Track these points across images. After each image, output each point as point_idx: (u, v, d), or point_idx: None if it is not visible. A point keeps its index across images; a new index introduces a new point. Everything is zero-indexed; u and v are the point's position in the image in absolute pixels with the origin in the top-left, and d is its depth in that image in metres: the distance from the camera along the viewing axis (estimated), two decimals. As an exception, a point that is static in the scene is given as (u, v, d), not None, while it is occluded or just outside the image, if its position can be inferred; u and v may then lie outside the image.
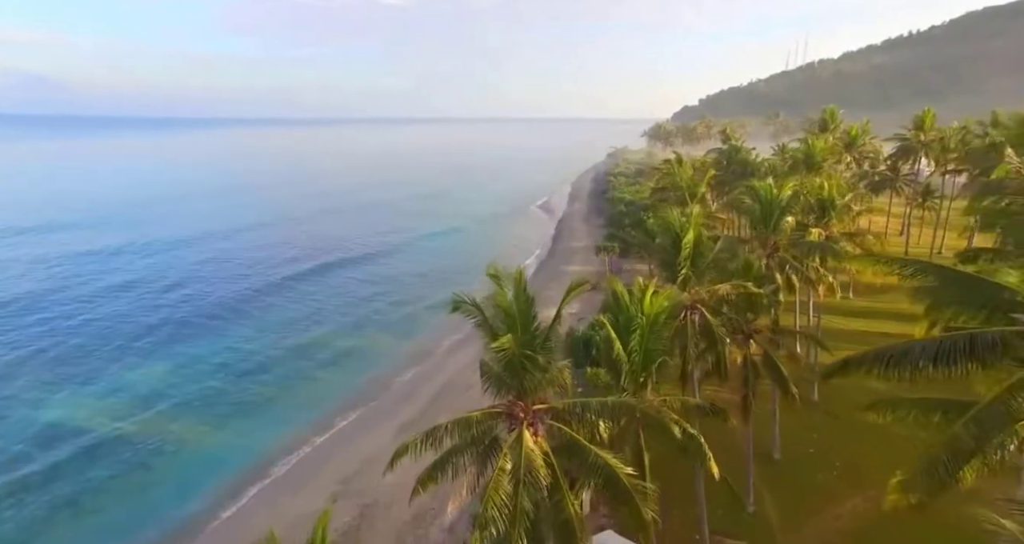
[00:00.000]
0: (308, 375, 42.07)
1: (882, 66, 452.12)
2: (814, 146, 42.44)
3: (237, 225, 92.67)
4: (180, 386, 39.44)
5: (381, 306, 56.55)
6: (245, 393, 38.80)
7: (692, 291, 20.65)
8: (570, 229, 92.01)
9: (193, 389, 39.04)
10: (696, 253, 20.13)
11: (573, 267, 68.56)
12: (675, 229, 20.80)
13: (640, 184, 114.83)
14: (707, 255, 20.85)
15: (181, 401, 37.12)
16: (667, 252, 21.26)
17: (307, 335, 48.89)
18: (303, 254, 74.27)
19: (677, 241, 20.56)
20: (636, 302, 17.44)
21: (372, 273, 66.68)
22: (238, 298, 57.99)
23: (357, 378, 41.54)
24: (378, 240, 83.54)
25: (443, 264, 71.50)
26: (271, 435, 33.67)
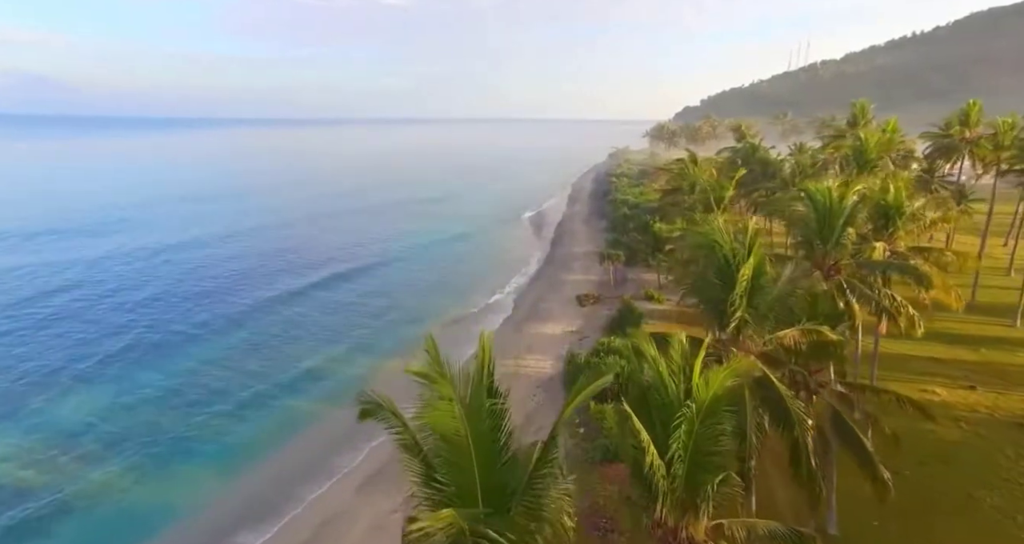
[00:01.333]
0: (273, 403, 36.52)
1: (885, 67, 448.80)
2: (867, 140, 36.48)
3: (229, 230, 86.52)
4: (118, 419, 33.92)
5: (365, 324, 50.87)
6: (194, 427, 33.27)
7: (748, 342, 14.95)
8: (570, 232, 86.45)
9: (132, 423, 33.53)
10: (754, 286, 14.46)
11: (574, 276, 62.99)
12: (723, 253, 15.12)
13: (643, 185, 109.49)
14: (770, 289, 15.27)
15: (113, 439, 31.58)
16: (708, 284, 15.48)
17: (279, 357, 43.28)
18: (289, 265, 68.19)
19: (727, 271, 14.96)
20: (678, 374, 11.33)
21: (364, 287, 60.59)
22: (212, 313, 52.38)
23: (325, 409, 35.95)
24: (374, 248, 77.33)
25: (434, 278, 65.80)
26: (220, 484, 28.17)
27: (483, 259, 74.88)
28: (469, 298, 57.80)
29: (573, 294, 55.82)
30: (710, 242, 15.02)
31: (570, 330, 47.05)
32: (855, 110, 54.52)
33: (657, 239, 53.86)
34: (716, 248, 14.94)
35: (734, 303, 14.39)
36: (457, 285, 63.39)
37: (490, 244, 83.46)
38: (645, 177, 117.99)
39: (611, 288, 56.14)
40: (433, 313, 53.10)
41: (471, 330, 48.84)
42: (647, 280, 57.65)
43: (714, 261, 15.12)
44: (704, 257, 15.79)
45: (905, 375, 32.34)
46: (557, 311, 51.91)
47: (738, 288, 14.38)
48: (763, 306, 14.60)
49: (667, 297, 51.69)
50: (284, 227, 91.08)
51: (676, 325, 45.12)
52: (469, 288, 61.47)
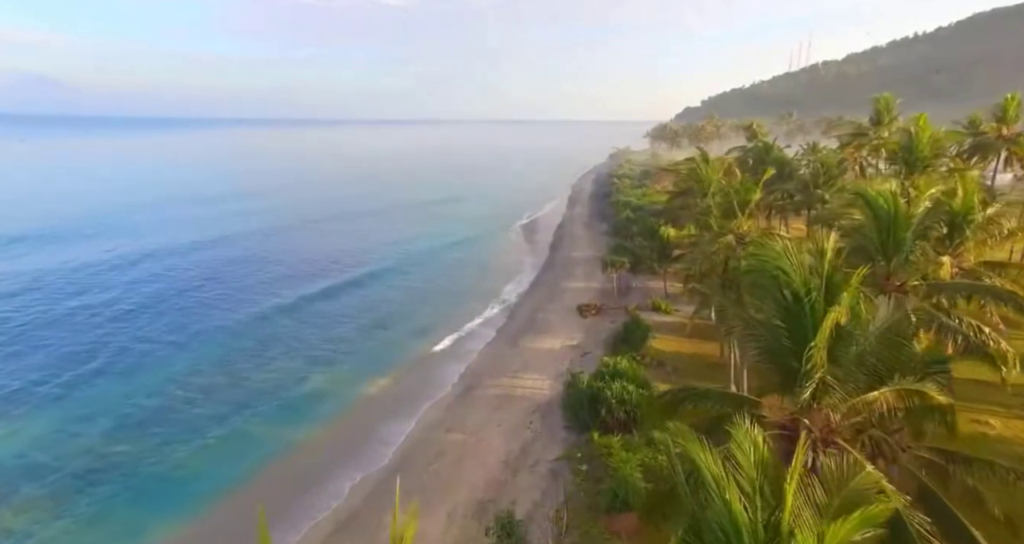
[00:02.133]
0: (237, 429, 32.61)
1: (887, 67, 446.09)
2: (920, 136, 32.24)
3: (223, 234, 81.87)
4: (57, 450, 30.02)
5: (349, 339, 46.89)
6: (145, 459, 29.37)
7: (824, 411, 10.81)
8: (571, 236, 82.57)
9: (72, 454, 29.62)
10: (838, 336, 10.41)
11: (574, 283, 59.07)
12: (792, 288, 10.69)
13: (646, 187, 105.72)
14: (858, 336, 10.94)
15: (49, 478, 27.64)
16: (768, 328, 11.17)
17: (252, 378, 39.33)
18: (279, 274, 63.54)
19: (797, 312, 10.65)
20: (754, 497, 7.08)
21: (354, 301, 55.81)
22: (187, 327, 48.38)
23: (290, 432, 32.10)
24: (369, 256, 72.28)
25: (427, 287, 61.72)
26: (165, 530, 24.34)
27: (481, 265, 71.01)
28: (463, 308, 53.97)
29: (573, 303, 51.94)
30: (772, 270, 10.87)
31: (570, 344, 43.16)
32: (879, 106, 50.67)
33: (664, 245, 50.02)
34: (781, 279, 10.81)
35: (810, 359, 10.42)
36: (451, 293, 59.56)
37: (488, 249, 79.58)
38: (648, 178, 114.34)
39: (614, 297, 52.29)
40: (422, 328, 49.27)
41: (461, 348, 45.08)
42: (653, 288, 53.77)
43: (775, 296, 10.99)
44: (760, 289, 11.65)
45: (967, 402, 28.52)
46: (556, 323, 48.02)
47: (817, 338, 10.14)
48: (848, 360, 10.56)
49: (675, 307, 47.86)
50: (278, 232, 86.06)
51: (687, 340, 41.33)
52: (464, 297, 57.64)
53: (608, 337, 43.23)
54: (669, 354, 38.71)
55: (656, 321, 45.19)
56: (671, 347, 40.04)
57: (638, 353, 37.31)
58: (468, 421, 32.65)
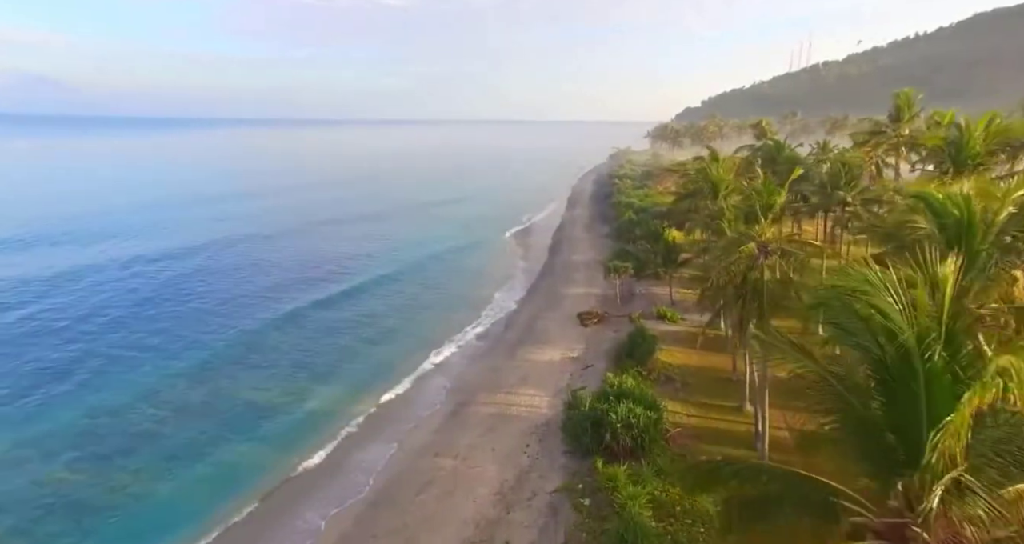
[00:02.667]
0: (208, 457, 29.80)
1: (888, 68, 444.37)
2: (970, 132, 28.68)
3: (214, 239, 78.00)
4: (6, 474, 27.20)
5: (337, 352, 44.01)
6: (97, 493, 26.53)
7: (951, 520, 7.51)
8: (570, 239, 79.74)
9: (16, 485, 26.78)
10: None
11: (575, 289, 56.25)
12: (905, 342, 7.15)
13: (648, 187, 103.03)
14: (1002, 415, 7.44)
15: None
16: (851, 389, 7.55)
17: (227, 396, 36.52)
18: (268, 283, 60.02)
19: (905, 373, 7.30)
20: None
21: (350, 308, 53.03)
22: (167, 339, 45.54)
23: (260, 458, 29.30)
24: (366, 262, 69.06)
25: (425, 296, 58.89)
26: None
27: (476, 270, 68.20)
28: (457, 317, 51.22)
29: (574, 311, 49.14)
30: (862, 309, 7.60)
31: (571, 356, 40.34)
32: (898, 102, 47.67)
33: (670, 249, 47.23)
34: (877, 323, 7.48)
35: (935, 449, 6.91)
36: (445, 301, 56.79)
37: (486, 253, 76.73)
38: (650, 178, 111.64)
39: (617, 304, 49.47)
40: (414, 339, 46.49)
41: (454, 361, 42.31)
42: (658, 295, 50.94)
43: (868, 347, 7.77)
44: (841, 332, 8.42)
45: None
46: (556, 332, 45.20)
47: (955, 419, 6.74)
48: (984, 447, 7.46)
49: (682, 316, 45.07)
50: (276, 237, 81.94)
51: (695, 352, 38.48)
52: (459, 305, 54.88)
53: (611, 348, 40.42)
54: (677, 367, 35.88)
55: (662, 331, 42.40)
56: (679, 359, 37.22)
57: (644, 367, 34.50)
58: (459, 444, 29.83)
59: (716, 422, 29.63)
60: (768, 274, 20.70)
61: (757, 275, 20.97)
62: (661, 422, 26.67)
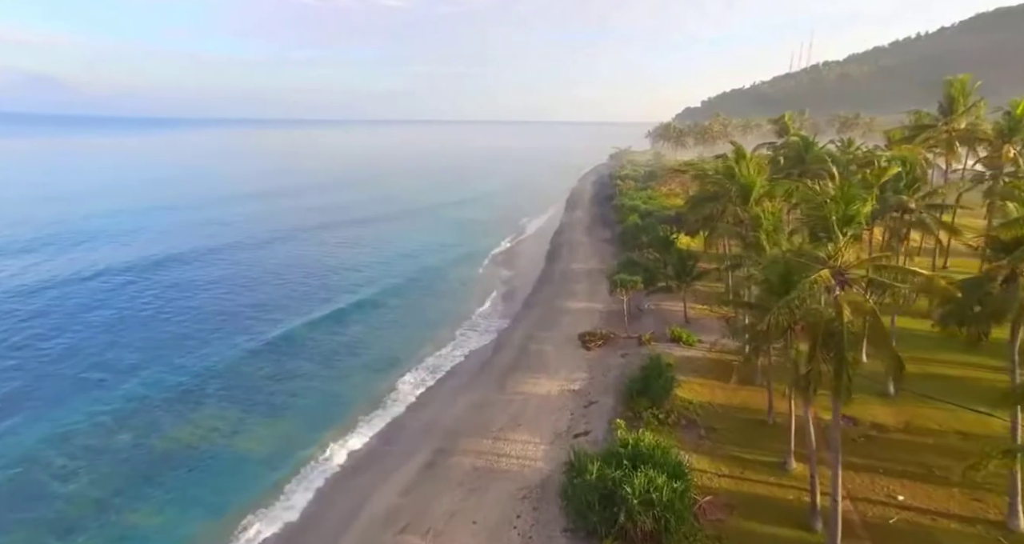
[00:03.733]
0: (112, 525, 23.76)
1: (890, 68, 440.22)
2: None
3: (191, 248, 71.04)
4: None
5: (304, 382, 37.99)
6: None
7: None
8: (570, 244, 73.70)
9: None
10: None
11: (575, 303, 50.25)
12: None
13: (651, 188, 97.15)
14: None
15: None
16: None
17: (160, 438, 30.56)
18: (253, 301, 53.11)
19: None
20: None
21: (330, 333, 46.79)
22: (108, 363, 39.67)
23: (177, 529, 23.32)
24: (359, 275, 62.45)
25: (406, 309, 53.02)
26: None
27: (466, 280, 62.30)
28: (442, 335, 45.36)
29: (574, 330, 43.13)
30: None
31: (571, 388, 34.30)
32: (951, 91, 41.30)
33: (683, 260, 41.21)
34: None
35: None
36: (430, 316, 50.92)
37: (479, 260, 70.69)
38: (653, 179, 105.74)
39: (624, 322, 43.39)
40: (392, 362, 40.55)
41: (435, 394, 36.31)
42: (670, 311, 44.97)
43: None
44: None
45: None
46: (553, 356, 39.16)
47: None
48: None
49: (698, 337, 39.09)
50: (256, 247, 73.93)
51: (719, 385, 32.50)
52: (445, 320, 49.01)
53: (619, 378, 34.40)
54: (700, 407, 29.86)
55: (677, 356, 36.47)
56: (701, 395, 31.21)
57: (660, 408, 28.48)
58: (433, 512, 23.78)
59: (755, 485, 23.59)
60: (848, 313, 14.74)
61: (832, 313, 15.02)
62: (689, 493, 20.69)
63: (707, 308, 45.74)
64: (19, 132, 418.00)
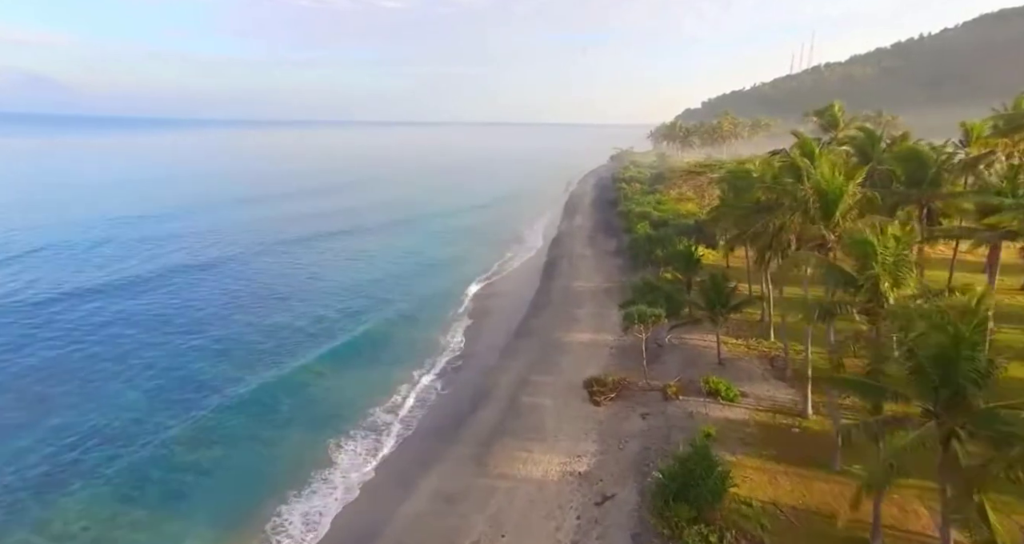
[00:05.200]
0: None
1: (893, 69, 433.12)
2: None
3: (159, 266, 60.52)
4: None
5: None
6: None
7: None
8: (570, 257, 64.48)
9: None
10: None
11: (579, 334, 41.07)
12: None
13: (659, 192, 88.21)
14: None
15: None
16: None
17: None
18: (215, 342, 41.97)
19: None
20: None
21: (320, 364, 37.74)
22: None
23: None
24: (338, 298, 52.49)
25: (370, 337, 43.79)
26: None
27: (453, 299, 53.17)
28: (402, 378, 36.22)
29: (578, 373, 33.96)
30: None
31: (576, 469, 25.07)
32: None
33: (718, 284, 32.04)
34: None
35: None
36: (403, 346, 41.70)
37: (468, 277, 61.42)
38: (660, 182, 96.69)
39: (640, 362, 34.09)
40: (323, 421, 31.38)
41: (383, 474, 26.93)
42: (698, 347, 35.85)
43: None
44: None
45: None
46: (552, 414, 29.99)
47: None
48: None
49: (741, 388, 30.01)
50: (217, 267, 62.14)
51: (778, 466, 23.47)
52: (408, 356, 39.79)
53: (640, 454, 25.30)
54: (763, 513, 20.68)
55: (717, 417, 27.52)
56: (761, 488, 22.10)
57: (709, 523, 19.30)
58: None
59: None
60: None
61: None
62: None
63: (742, 342, 36.68)
64: (14, 132, 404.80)
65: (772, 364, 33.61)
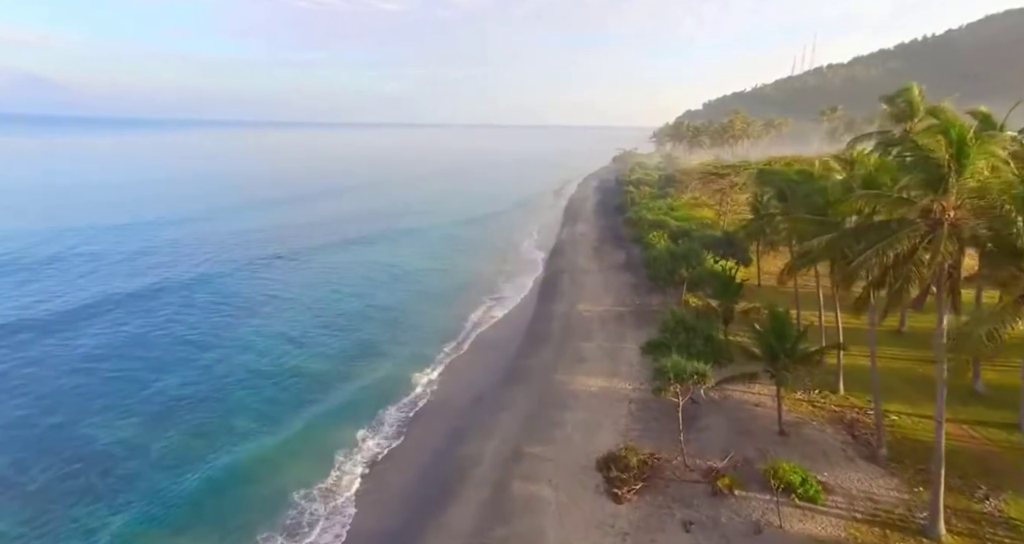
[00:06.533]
0: None
1: (898, 70, 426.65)
2: None
3: (109, 293, 49.73)
4: None
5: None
6: None
7: None
8: (572, 272, 55.52)
9: None
10: None
11: (588, 379, 32.11)
12: None
13: (670, 196, 79.49)
14: None
15: None
16: None
17: None
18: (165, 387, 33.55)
19: None
20: None
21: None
22: None
23: None
24: (317, 323, 44.09)
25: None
26: None
27: (430, 330, 44.16)
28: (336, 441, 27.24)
29: (589, 445, 25.02)
30: None
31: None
32: None
33: (783, 328, 23.13)
34: None
35: None
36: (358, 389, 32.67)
37: (452, 303, 52.54)
38: (672, 185, 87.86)
39: (670, 424, 25.00)
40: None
41: None
42: (745, 406, 26.92)
43: None
44: None
45: None
46: (552, 519, 20.98)
47: None
48: None
49: (820, 480, 21.12)
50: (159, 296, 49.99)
51: None
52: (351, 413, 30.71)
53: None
54: None
55: (797, 532, 18.65)
56: None
57: None
58: None
59: None
60: None
61: None
62: None
63: (805, 398, 27.81)
64: (8, 132, 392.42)
65: (852, 433, 24.76)
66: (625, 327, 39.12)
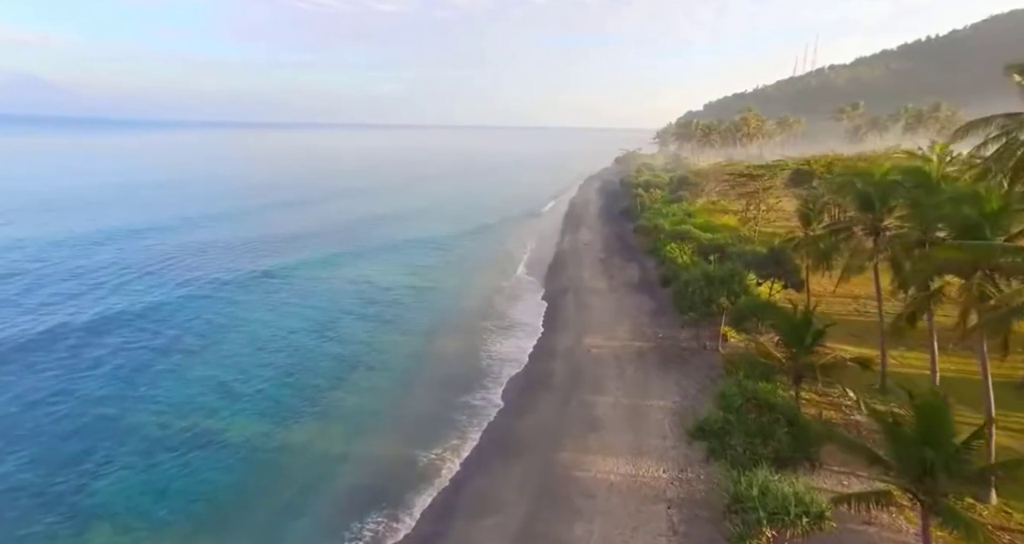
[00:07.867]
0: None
1: (902, 71, 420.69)
2: None
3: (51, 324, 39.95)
4: None
5: None
6: None
7: None
8: (577, 293, 46.27)
9: None
10: None
11: (604, 459, 23.08)
12: None
13: (685, 200, 70.68)
14: None
15: None
16: None
17: None
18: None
19: None
20: None
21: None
22: None
23: None
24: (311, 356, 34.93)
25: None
26: None
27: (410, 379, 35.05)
28: None
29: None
30: None
31: None
32: None
33: (940, 424, 14.17)
34: None
35: None
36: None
37: (441, 335, 43.34)
38: (685, 186, 78.92)
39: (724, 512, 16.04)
40: None
41: None
42: (851, 528, 17.81)
43: None
44: None
45: None
46: None
47: None
48: None
49: None
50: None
51: None
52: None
53: None
54: None
55: None
56: None
57: None
58: None
59: None
60: None
61: None
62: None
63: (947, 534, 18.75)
64: (16, 132, 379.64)
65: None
66: (648, 372, 30.13)
